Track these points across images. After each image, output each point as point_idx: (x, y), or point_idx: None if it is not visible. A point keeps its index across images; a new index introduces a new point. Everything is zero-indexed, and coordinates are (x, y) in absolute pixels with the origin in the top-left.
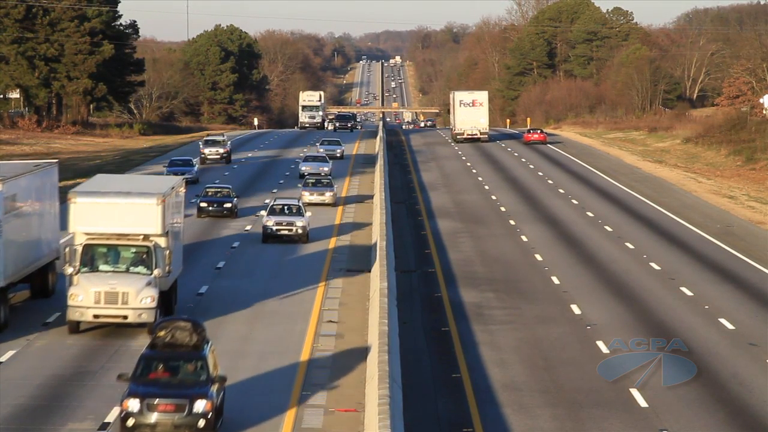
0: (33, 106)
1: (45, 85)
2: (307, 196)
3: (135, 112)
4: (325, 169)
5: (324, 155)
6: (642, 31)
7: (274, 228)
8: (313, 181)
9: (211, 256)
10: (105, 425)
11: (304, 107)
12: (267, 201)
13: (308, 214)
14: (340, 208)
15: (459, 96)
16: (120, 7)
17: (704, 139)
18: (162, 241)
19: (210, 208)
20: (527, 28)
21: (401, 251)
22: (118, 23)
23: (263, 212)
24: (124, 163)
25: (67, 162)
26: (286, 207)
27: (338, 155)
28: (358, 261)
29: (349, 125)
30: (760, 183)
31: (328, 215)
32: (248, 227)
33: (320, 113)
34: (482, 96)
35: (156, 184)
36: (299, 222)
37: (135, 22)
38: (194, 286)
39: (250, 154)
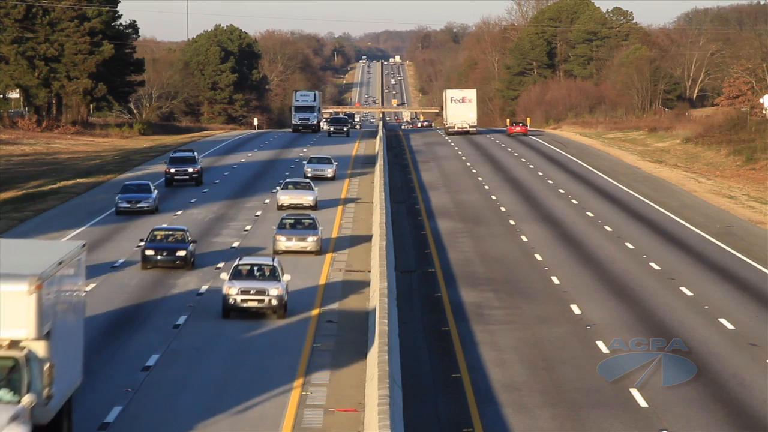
0: (33, 106)
1: (45, 85)
2: (284, 242)
3: (135, 112)
4: (309, 199)
5: (308, 181)
6: (642, 31)
7: (239, 299)
8: (292, 221)
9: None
10: (105, 425)
11: (297, 108)
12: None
13: (286, 277)
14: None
15: (450, 93)
16: (120, 7)
17: (704, 139)
18: (39, 348)
19: (158, 257)
20: (527, 28)
21: (401, 251)
22: (118, 23)
23: (224, 274)
24: (124, 164)
25: (67, 162)
26: (255, 268)
27: (329, 176)
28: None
29: (344, 129)
30: (760, 183)
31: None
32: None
33: (315, 114)
34: (471, 93)
35: (34, 258)
36: (273, 290)
37: (135, 22)
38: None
39: (250, 153)
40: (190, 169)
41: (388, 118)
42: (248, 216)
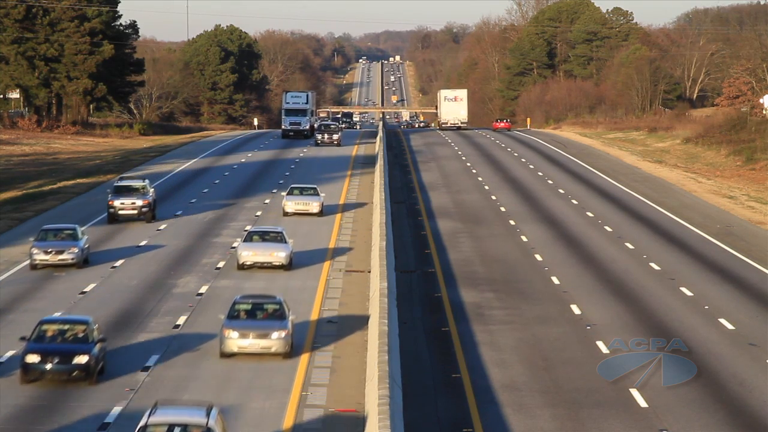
0: (33, 106)
1: (45, 85)
2: (236, 341)
3: (135, 112)
4: (281, 256)
5: (279, 231)
6: (642, 31)
7: None
8: (248, 307)
9: None
10: (105, 425)
11: (287, 111)
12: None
13: None
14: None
15: (444, 93)
16: (120, 7)
17: (704, 139)
18: None
19: (46, 366)
20: (527, 28)
21: (401, 251)
22: (118, 23)
23: None
24: (124, 164)
25: (67, 162)
26: (177, 431)
27: (315, 211)
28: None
29: (334, 138)
30: (760, 183)
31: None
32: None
33: (307, 118)
34: (462, 93)
35: None
36: None
37: (135, 22)
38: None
39: (250, 153)
40: (139, 202)
41: (387, 117)
42: (248, 216)
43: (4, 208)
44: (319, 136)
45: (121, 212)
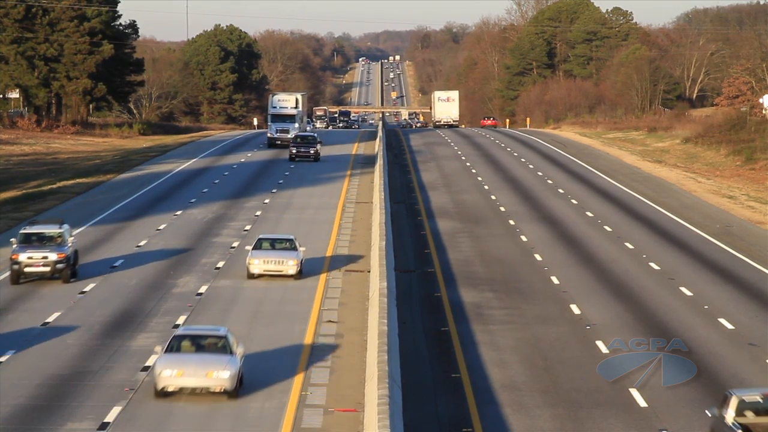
0: (33, 106)
1: (44, 85)
2: None
3: (134, 112)
4: (223, 377)
5: (221, 334)
6: (641, 31)
7: None
8: None
9: None
10: (105, 425)
11: (274, 117)
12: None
13: None
14: None
15: (438, 94)
16: (120, 7)
17: (704, 139)
18: None
19: None
20: (527, 28)
21: (401, 251)
22: (118, 23)
23: None
24: (123, 163)
25: (67, 162)
26: None
27: (291, 273)
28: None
29: (311, 152)
30: (760, 183)
31: None
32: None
33: (296, 124)
34: (454, 94)
35: None
36: None
37: (134, 22)
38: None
39: (249, 153)
40: (53, 257)
41: (387, 114)
42: (248, 216)
43: (3, 208)
44: (294, 150)
45: (27, 269)
